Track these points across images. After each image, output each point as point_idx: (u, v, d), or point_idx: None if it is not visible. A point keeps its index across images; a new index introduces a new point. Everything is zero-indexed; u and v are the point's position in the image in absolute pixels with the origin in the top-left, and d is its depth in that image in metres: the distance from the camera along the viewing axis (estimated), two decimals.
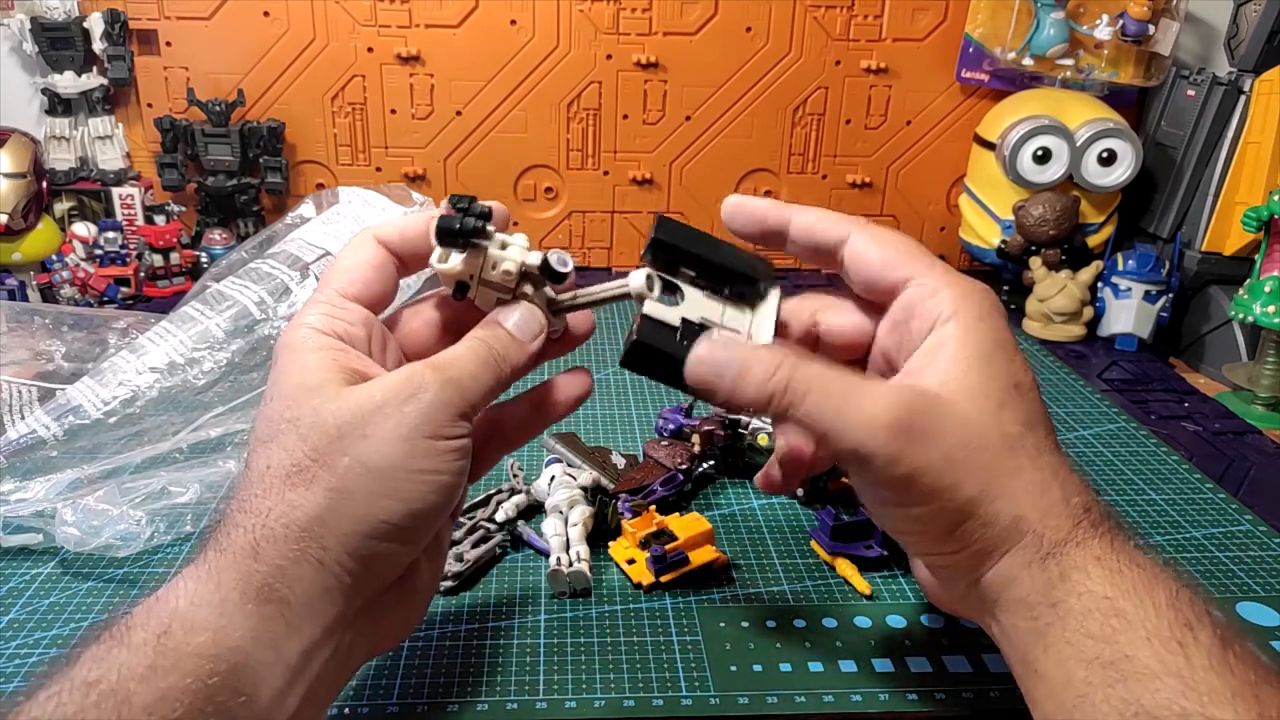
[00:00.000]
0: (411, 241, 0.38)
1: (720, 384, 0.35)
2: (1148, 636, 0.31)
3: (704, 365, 0.35)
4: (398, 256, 0.38)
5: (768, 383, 0.35)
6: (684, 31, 0.92)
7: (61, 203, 0.92)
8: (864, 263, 0.38)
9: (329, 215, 0.66)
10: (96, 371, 0.58)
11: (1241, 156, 0.83)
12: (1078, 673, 0.31)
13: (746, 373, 0.35)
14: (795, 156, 0.97)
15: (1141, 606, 0.31)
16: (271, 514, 0.32)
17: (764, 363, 0.35)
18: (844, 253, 0.38)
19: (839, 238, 0.38)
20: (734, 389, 0.35)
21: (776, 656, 0.43)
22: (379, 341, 0.38)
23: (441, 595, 0.47)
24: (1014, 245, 0.86)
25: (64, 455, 0.54)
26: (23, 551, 0.49)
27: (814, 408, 0.34)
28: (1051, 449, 0.36)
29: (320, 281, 0.38)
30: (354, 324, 0.37)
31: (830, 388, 0.34)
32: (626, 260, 0.99)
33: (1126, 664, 0.30)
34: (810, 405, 0.34)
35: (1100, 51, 0.89)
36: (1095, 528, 0.34)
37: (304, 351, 0.35)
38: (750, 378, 0.35)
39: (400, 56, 0.91)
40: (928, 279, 0.37)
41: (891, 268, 0.37)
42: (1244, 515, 0.56)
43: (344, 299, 0.37)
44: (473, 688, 0.41)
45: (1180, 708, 0.29)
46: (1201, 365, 0.83)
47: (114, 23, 0.88)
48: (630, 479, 0.55)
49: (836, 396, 0.34)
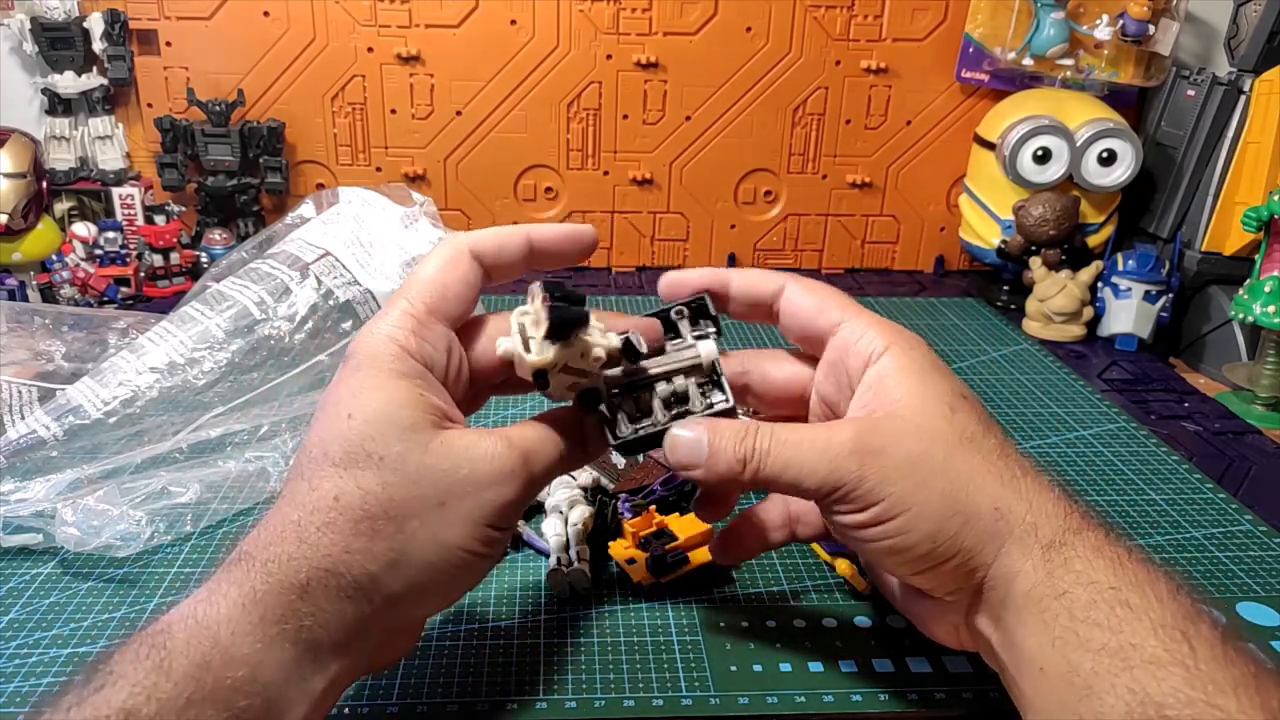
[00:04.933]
0: (509, 257, 0.38)
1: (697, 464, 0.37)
2: (1153, 627, 0.31)
3: (680, 451, 0.37)
4: (488, 271, 0.38)
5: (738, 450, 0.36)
6: (684, 31, 0.92)
7: (61, 203, 0.92)
8: (797, 310, 0.40)
9: (329, 215, 0.66)
10: (96, 371, 0.58)
11: (1241, 156, 0.83)
12: (1084, 663, 0.31)
13: (716, 451, 0.36)
14: (795, 156, 0.97)
15: (1145, 598, 0.32)
16: (330, 556, 0.32)
17: (729, 435, 0.37)
18: (779, 304, 0.41)
19: (775, 290, 0.41)
20: (709, 467, 0.37)
21: (776, 656, 0.43)
22: (455, 366, 0.37)
23: None
24: (1014, 245, 0.86)
25: (64, 455, 0.54)
26: (23, 551, 0.49)
27: (779, 460, 0.36)
28: (1017, 453, 0.37)
29: (406, 284, 0.37)
30: (438, 348, 0.36)
31: (788, 437, 0.36)
32: (627, 260, 0.99)
33: (1133, 652, 0.30)
34: (775, 459, 0.36)
35: (1100, 51, 0.89)
36: (1086, 520, 0.35)
37: (390, 373, 0.34)
38: (721, 454, 0.36)
39: (400, 56, 0.91)
40: (856, 322, 0.39)
41: (823, 313, 0.39)
42: (1244, 515, 0.56)
43: (431, 317, 0.36)
44: (473, 688, 0.41)
45: (1186, 696, 0.29)
46: (1201, 365, 0.83)
47: (114, 23, 0.88)
48: (630, 479, 0.55)
49: (794, 444, 0.36)
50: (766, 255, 1.00)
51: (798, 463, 0.36)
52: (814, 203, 0.99)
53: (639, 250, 0.99)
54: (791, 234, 1.00)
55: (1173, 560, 0.51)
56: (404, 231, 0.65)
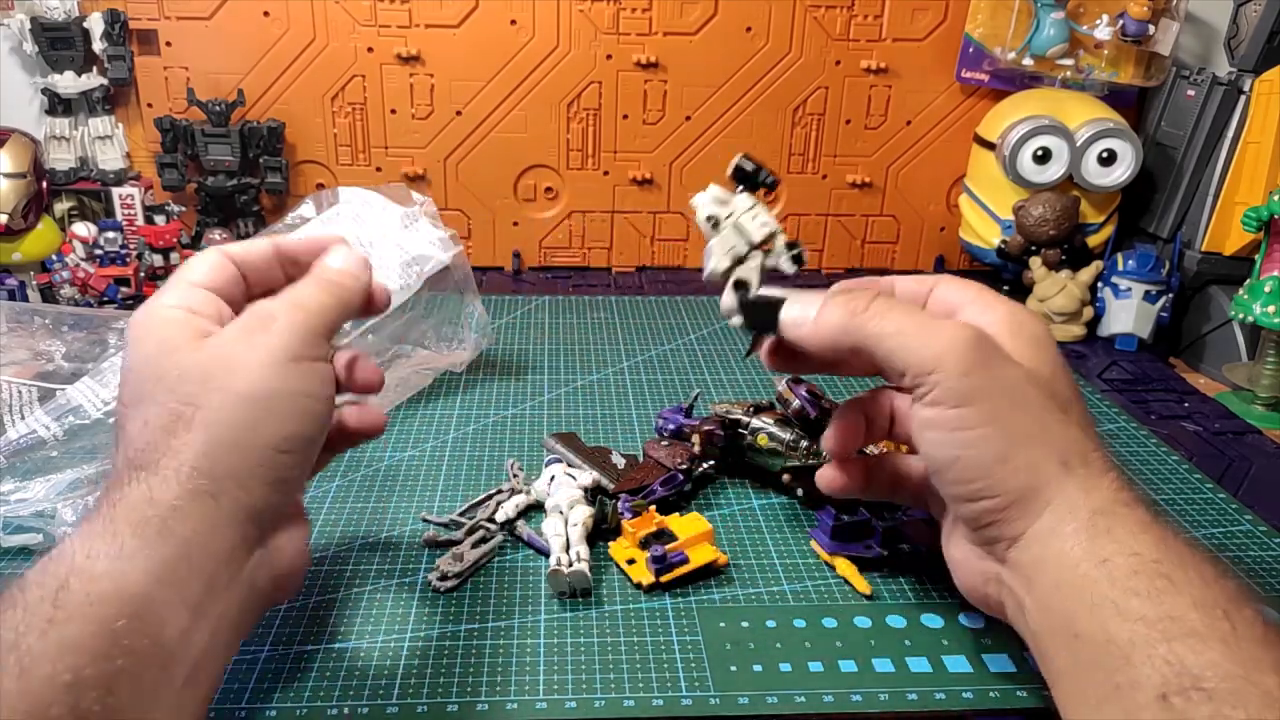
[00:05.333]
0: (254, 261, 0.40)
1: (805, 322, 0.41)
2: (1194, 603, 0.31)
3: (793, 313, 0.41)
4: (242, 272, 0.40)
5: (856, 306, 0.39)
6: (684, 31, 0.92)
7: (61, 203, 0.92)
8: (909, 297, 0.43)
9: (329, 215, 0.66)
10: (96, 371, 0.58)
11: (1241, 156, 0.83)
12: (1121, 632, 0.31)
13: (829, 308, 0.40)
14: (795, 156, 0.97)
15: (1188, 576, 0.32)
16: (160, 462, 0.33)
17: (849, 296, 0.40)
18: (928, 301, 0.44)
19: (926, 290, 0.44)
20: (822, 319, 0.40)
21: (776, 656, 0.43)
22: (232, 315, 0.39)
23: (441, 595, 0.47)
24: (1014, 245, 0.86)
25: (64, 455, 0.54)
26: (23, 551, 0.49)
27: (893, 325, 0.38)
28: (1095, 432, 0.38)
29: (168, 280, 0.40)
30: (205, 302, 0.38)
31: (906, 312, 0.39)
32: (627, 260, 0.99)
33: (1172, 624, 0.30)
34: (890, 323, 0.38)
35: (1100, 51, 0.89)
36: (1138, 499, 0.35)
37: (156, 324, 0.37)
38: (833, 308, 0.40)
39: (400, 56, 0.91)
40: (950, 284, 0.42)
41: (923, 283, 0.43)
42: (1244, 515, 0.56)
43: (194, 285, 0.38)
44: (473, 688, 0.41)
45: (1225, 670, 0.29)
46: (1201, 365, 0.83)
47: (114, 23, 0.88)
48: (630, 479, 0.55)
49: (917, 320, 0.38)
50: None
51: (915, 333, 0.37)
52: (814, 203, 0.99)
53: (639, 250, 0.99)
54: (791, 234, 0.99)
55: None
56: (404, 231, 0.65)
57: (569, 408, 0.67)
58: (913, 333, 0.37)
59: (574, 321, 0.83)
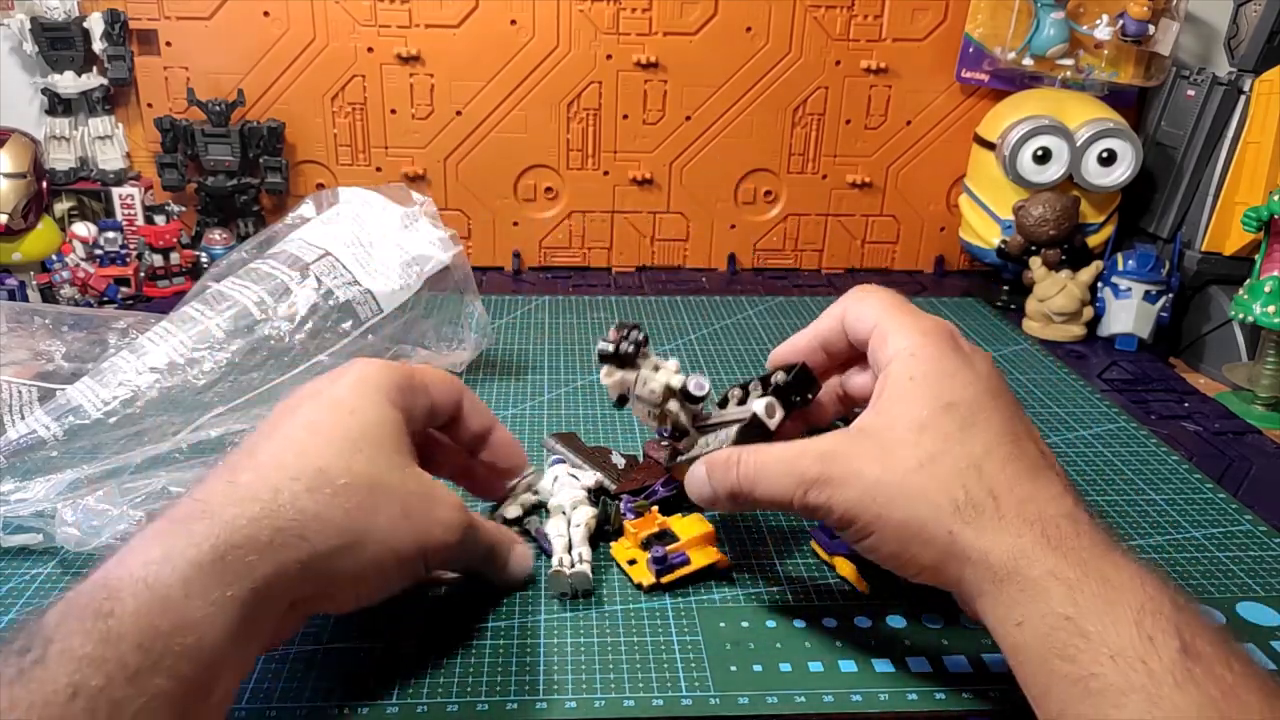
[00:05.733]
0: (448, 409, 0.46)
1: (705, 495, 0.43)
2: (1111, 655, 0.31)
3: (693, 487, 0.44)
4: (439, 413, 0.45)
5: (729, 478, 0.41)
6: (684, 31, 0.92)
7: (61, 203, 0.92)
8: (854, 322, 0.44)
9: (329, 215, 0.66)
10: (96, 371, 0.58)
11: (1241, 156, 0.83)
12: (1053, 687, 0.33)
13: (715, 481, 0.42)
14: (795, 156, 0.97)
15: (1102, 624, 0.32)
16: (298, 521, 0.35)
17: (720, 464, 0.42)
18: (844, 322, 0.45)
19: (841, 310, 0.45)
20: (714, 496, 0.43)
21: (776, 656, 0.43)
22: None
23: (442, 594, 0.47)
24: (1014, 245, 0.86)
25: (64, 455, 0.54)
26: (23, 551, 0.49)
27: (760, 485, 0.41)
28: (1005, 458, 0.37)
29: None
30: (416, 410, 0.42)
31: (766, 462, 0.41)
32: (627, 260, 0.99)
33: (1093, 681, 0.31)
34: (760, 486, 0.40)
35: (1100, 51, 0.89)
36: (1048, 539, 0.35)
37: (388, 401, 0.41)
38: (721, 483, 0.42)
39: (400, 56, 0.91)
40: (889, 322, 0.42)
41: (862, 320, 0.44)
42: (1244, 515, 0.56)
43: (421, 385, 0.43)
44: (473, 688, 0.41)
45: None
46: (1201, 365, 0.83)
47: (114, 23, 0.88)
48: (633, 479, 0.55)
49: (770, 469, 0.40)
50: (766, 255, 1.00)
51: (772, 485, 0.40)
52: (814, 203, 0.99)
53: (639, 250, 0.99)
54: (791, 234, 1.00)
55: (1172, 560, 0.51)
56: (404, 231, 0.65)
57: (569, 408, 0.67)
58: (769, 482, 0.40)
59: (574, 321, 0.83)
